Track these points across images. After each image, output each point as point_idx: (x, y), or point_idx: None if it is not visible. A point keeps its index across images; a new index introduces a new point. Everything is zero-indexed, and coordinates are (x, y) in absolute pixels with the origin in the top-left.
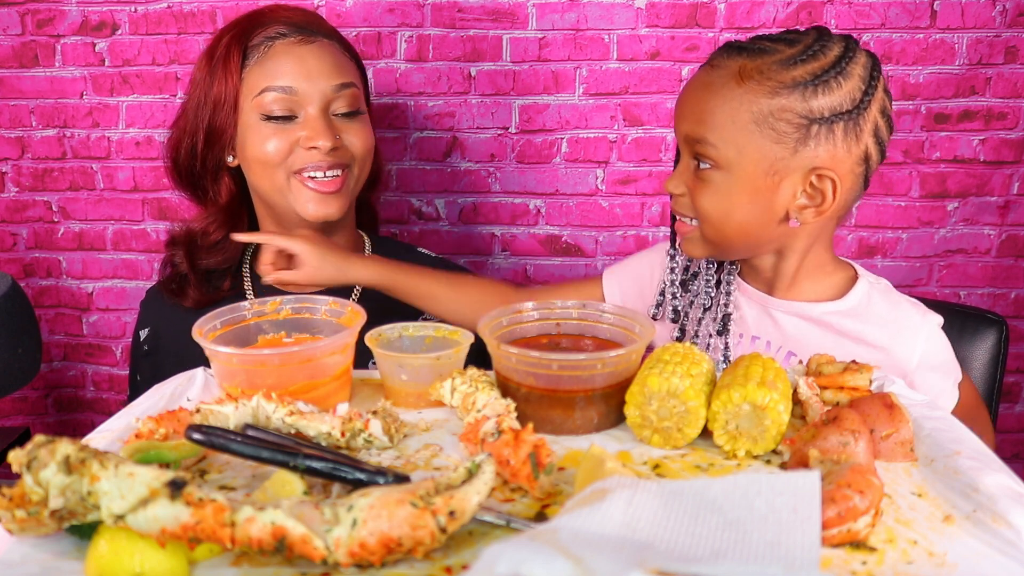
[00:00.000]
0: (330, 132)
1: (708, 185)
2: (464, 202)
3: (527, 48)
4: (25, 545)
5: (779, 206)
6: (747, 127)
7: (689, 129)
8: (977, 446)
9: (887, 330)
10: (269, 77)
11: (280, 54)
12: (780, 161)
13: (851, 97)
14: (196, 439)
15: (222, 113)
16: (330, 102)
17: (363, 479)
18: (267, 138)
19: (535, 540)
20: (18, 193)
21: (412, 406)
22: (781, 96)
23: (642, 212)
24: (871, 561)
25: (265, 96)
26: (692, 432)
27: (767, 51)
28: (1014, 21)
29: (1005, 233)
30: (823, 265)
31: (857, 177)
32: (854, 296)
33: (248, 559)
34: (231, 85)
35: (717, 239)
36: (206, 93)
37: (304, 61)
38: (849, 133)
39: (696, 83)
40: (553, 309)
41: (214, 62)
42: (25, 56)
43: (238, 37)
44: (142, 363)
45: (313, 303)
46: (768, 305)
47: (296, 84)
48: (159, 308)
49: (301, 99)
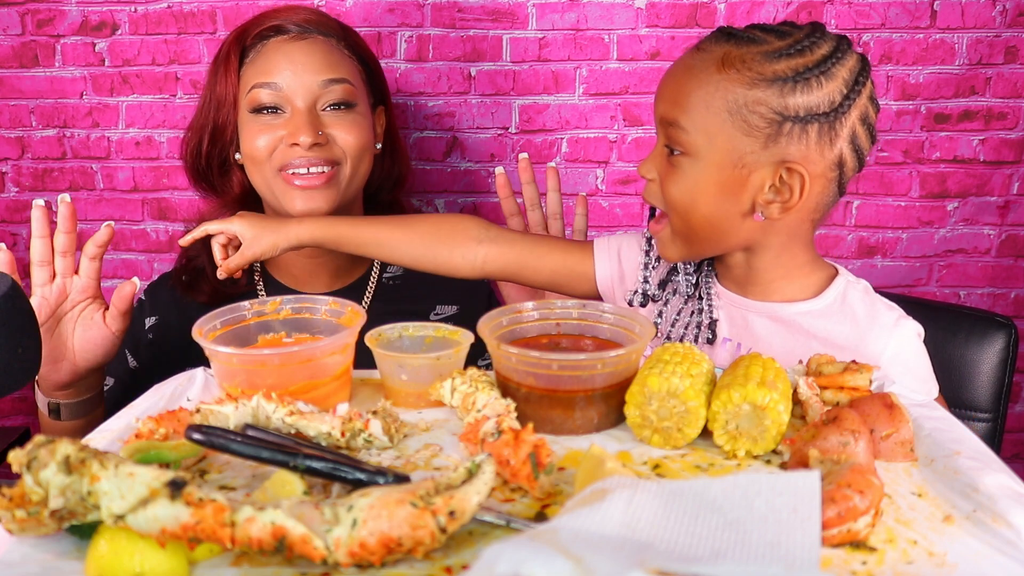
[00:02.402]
0: (311, 127)
1: (677, 171)
2: (464, 202)
3: (527, 48)
4: (25, 545)
5: (745, 199)
6: (720, 115)
7: (664, 111)
8: (977, 446)
9: (857, 328)
10: (259, 74)
11: (271, 51)
12: (750, 155)
13: (829, 100)
14: (196, 439)
15: (223, 112)
16: (317, 97)
17: (363, 479)
18: (255, 135)
19: (535, 540)
20: (18, 193)
21: (412, 406)
22: (758, 88)
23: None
24: (871, 561)
25: (254, 92)
26: (692, 432)
27: (755, 40)
28: (1014, 21)
29: (1005, 233)
30: (801, 266)
31: (829, 182)
32: (828, 295)
33: (248, 559)
34: (230, 84)
35: (684, 231)
36: (211, 93)
37: (292, 57)
38: (823, 136)
39: (679, 65)
40: (553, 309)
41: (217, 63)
42: (25, 56)
43: (237, 38)
44: (142, 350)
45: (313, 303)
46: (740, 306)
47: (281, 80)
48: (170, 299)
49: (287, 94)
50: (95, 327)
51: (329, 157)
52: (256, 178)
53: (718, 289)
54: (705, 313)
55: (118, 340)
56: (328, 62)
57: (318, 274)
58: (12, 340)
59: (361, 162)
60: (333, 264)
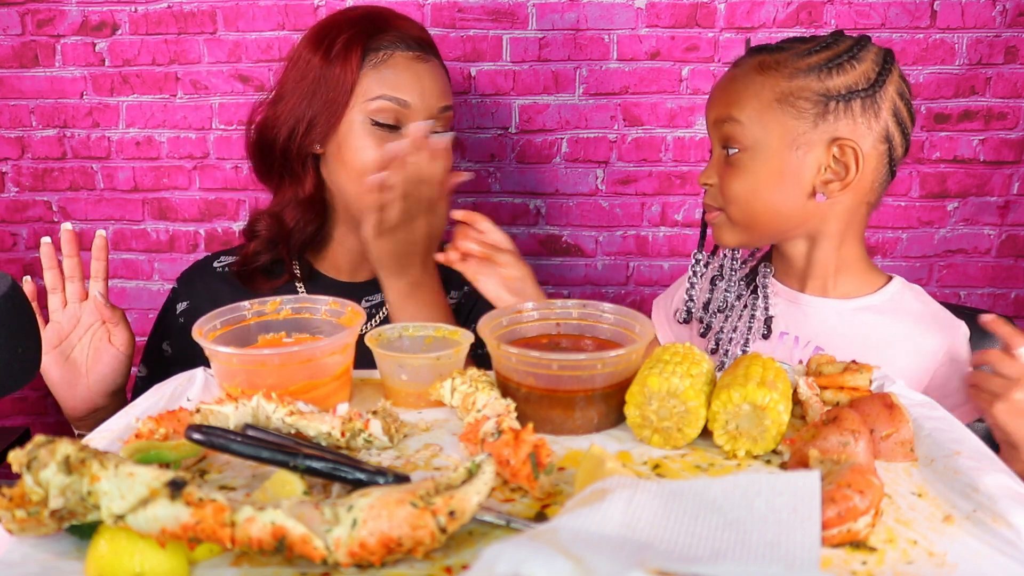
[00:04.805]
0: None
1: (737, 169)
2: (464, 202)
3: (527, 48)
4: (25, 545)
5: (805, 181)
6: (770, 105)
7: (718, 112)
8: (977, 446)
9: (914, 326)
10: (387, 86)
11: (400, 66)
12: (802, 136)
13: (865, 77)
14: (196, 439)
15: (335, 105)
16: (434, 122)
17: (363, 479)
18: (369, 147)
19: (535, 540)
20: (18, 193)
21: (412, 406)
22: (798, 79)
23: (642, 212)
24: (871, 561)
25: (381, 103)
26: (692, 432)
27: (783, 48)
28: (1014, 21)
29: (1005, 233)
30: (858, 260)
31: (880, 156)
32: (885, 292)
33: (248, 559)
34: (349, 79)
35: (745, 220)
36: (319, 80)
37: (421, 78)
38: (867, 109)
39: (723, 80)
40: (553, 309)
41: (331, 51)
42: (25, 56)
43: (360, 35)
44: (175, 335)
45: (313, 303)
46: (797, 301)
47: (411, 99)
48: (203, 284)
49: (411, 114)
50: (103, 345)
51: None
52: (352, 186)
53: (775, 286)
54: (760, 309)
55: (124, 357)
56: (443, 89)
57: (364, 266)
58: (12, 340)
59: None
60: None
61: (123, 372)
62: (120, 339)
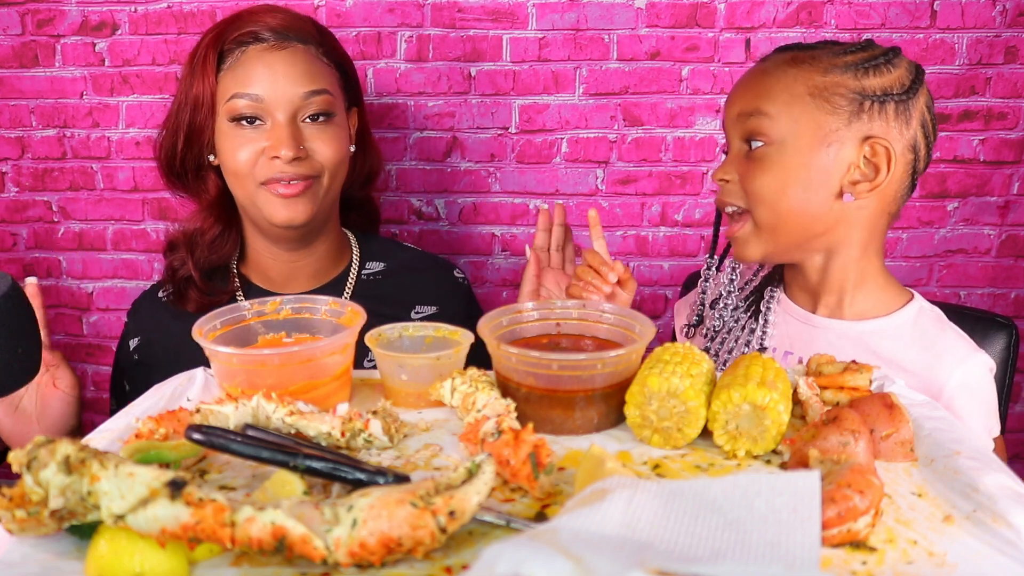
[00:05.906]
0: (293, 141)
1: (761, 164)
2: (464, 202)
3: (527, 48)
4: (25, 545)
5: (833, 180)
6: (803, 99)
7: (744, 105)
8: (977, 446)
9: (926, 354)
10: (239, 83)
11: (251, 60)
12: (834, 132)
13: (900, 82)
14: (196, 439)
15: (200, 114)
16: (298, 109)
17: (363, 479)
18: (237, 147)
19: (535, 540)
20: (18, 193)
21: (412, 406)
22: (833, 74)
23: (642, 212)
24: (871, 561)
25: (234, 102)
26: (692, 432)
27: (816, 46)
28: (1014, 21)
29: (1005, 233)
30: (876, 275)
31: (907, 164)
32: (900, 316)
33: (248, 559)
34: (208, 87)
35: (771, 223)
36: (187, 94)
37: (273, 68)
38: (900, 115)
39: (751, 72)
40: (553, 309)
41: (194, 63)
42: (25, 56)
43: (215, 39)
44: (132, 373)
45: (313, 303)
46: (809, 322)
47: (263, 92)
48: (151, 317)
49: (268, 106)
50: (49, 391)
51: (308, 172)
52: (238, 190)
53: (786, 304)
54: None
55: (72, 399)
56: (308, 73)
57: (295, 276)
58: (12, 340)
59: (338, 173)
60: (311, 267)
61: (73, 413)
62: (65, 381)
